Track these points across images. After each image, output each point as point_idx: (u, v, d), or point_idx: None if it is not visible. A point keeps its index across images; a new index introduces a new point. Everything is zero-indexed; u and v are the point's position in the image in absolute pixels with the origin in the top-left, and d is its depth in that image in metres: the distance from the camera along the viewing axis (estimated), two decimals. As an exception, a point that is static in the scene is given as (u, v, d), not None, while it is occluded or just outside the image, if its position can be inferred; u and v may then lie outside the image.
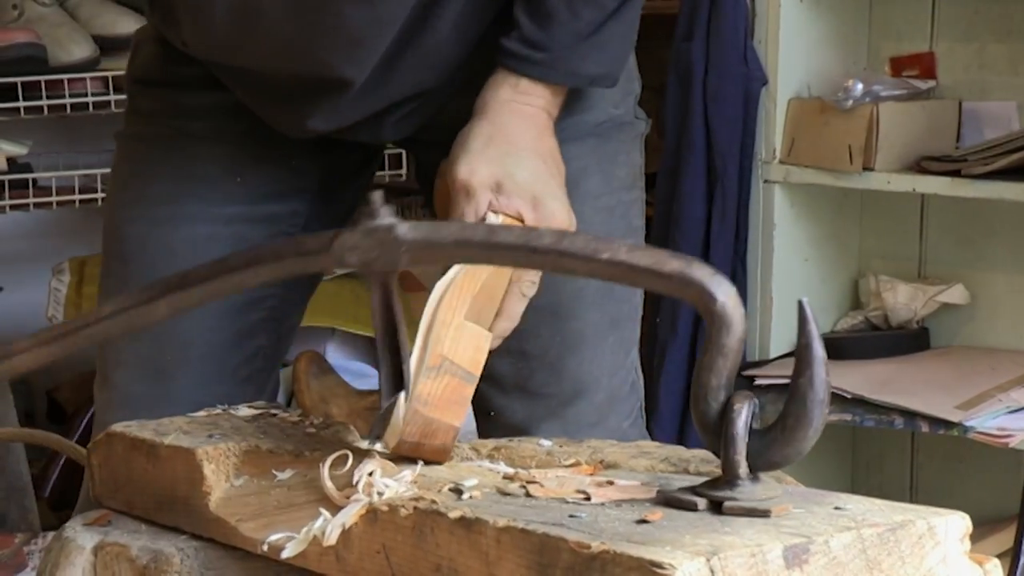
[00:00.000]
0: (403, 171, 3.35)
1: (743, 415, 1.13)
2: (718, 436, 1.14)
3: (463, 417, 1.30)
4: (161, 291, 1.26)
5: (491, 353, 1.42)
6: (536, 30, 1.56)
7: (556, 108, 1.60)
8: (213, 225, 1.69)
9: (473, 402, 1.49)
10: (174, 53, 1.70)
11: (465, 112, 1.63)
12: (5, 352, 1.29)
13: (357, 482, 1.22)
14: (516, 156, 1.55)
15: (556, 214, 1.53)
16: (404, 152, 3.28)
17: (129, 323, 1.27)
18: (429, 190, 1.76)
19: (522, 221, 1.52)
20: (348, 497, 1.21)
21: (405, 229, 1.21)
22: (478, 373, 1.33)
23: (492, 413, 1.73)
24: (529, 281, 1.51)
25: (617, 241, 1.18)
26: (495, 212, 1.52)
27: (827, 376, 1.13)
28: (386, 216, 1.21)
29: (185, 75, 1.70)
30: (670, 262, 1.15)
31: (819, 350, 1.13)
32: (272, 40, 1.59)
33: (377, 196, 1.22)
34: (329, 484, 1.23)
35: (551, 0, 1.56)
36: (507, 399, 1.71)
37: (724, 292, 1.14)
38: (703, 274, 1.14)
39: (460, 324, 1.36)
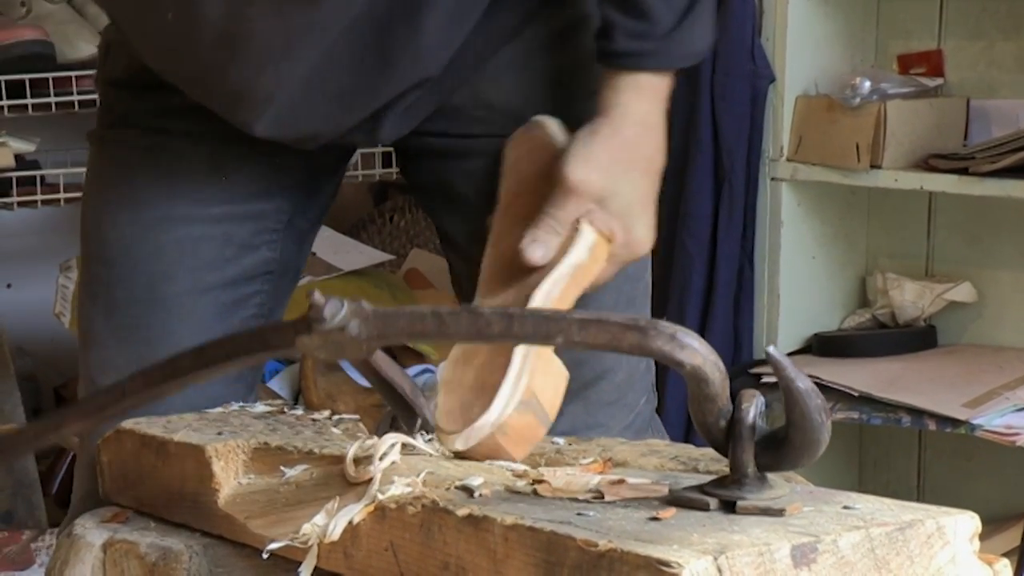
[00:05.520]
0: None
1: (750, 415, 1.13)
2: (727, 441, 1.15)
3: (526, 455, 1.32)
4: (154, 380, 1.32)
5: None
6: (637, 23, 1.56)
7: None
8: (201, 225, 1.68)
9: None
10: None
11: (469, 103, 1.62)
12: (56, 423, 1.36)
13: (380, 456, 1.22)
14: (629, 174, 1.55)
15: (641, 242, 1.56)
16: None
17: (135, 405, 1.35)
18: (419, 185, 1.74)
19: (611, 239, 1.54)
20: (366, 480, 1.21)
21: (356, 328, 1.20)
22: (553, 417, 1.36)
23: None
24: None
25: (567, 318, 1.16)
26: (589, 223, 1.53)
27: (818, 401, 1.12)
28: (333, 316, 1.20)
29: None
30: (626, 336, 1.13)
31: (800, 386, 1.12)
32: (195, 64, 1.59)
33: (317, 297, 1.21)
34: (351, 468, 1.23)
35: None
36: None
37: (689, 354, 1.13)
38: (662, 342, 1.13)
39: (549, 357, 1.38)
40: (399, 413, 1.34)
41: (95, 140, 1.77)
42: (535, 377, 1.35)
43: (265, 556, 1.23)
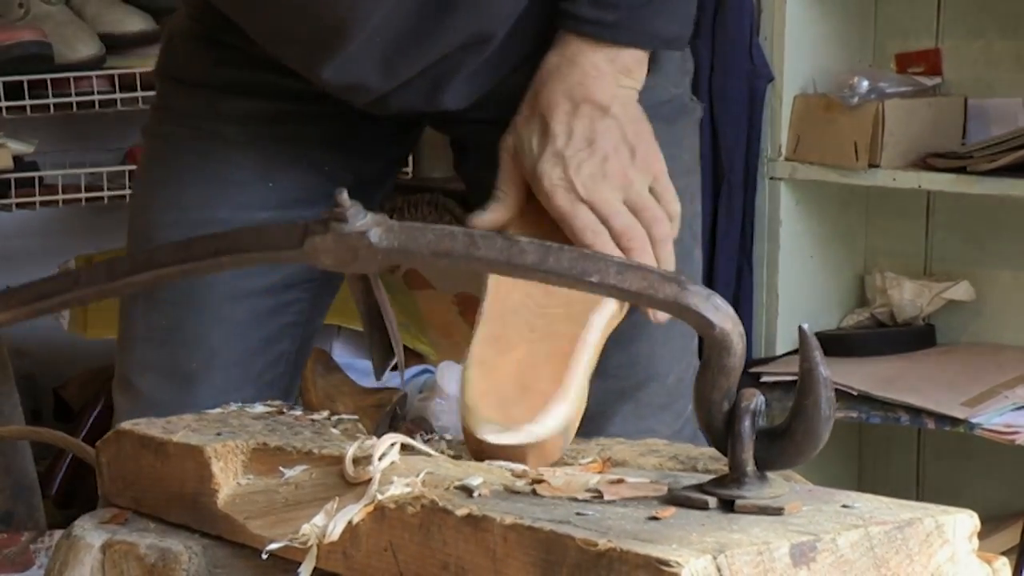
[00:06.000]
0: (408, 168, 3.35)
1: (750, 413, 1.13)
2: (726, 438, 1.15)
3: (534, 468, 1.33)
4: (127, 271, 1.23)
5: None
6: None
7: (632, 79, 1.53)
8: None
9: None
10: (215, 54, 1.69)
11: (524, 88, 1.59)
12: None
13: (379, 456, 1.22)
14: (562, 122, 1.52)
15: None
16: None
17: (99, 295, 1.25)
18: (472, 180, 1.71)
19: None
20: (365, 480, 1.21)
21: (378, 236, 1.14)
22: (568, 444, 1.36)
23: None
24: None
25: (606, 259, 1.15)
26: None
27: (831, 393, 1.13)
28: (356, 219, 1.14)
29: (226, 78, 1.69)
30: (664, 287, 1.13)
31: (822, 372, 1.12)
32: None
33: (344, 197, 1.15)
34: (350, 468, 1.23)
35: None
36: None
37: (721, 317, 1.13)
38: (698, 300, 1.13)
39: (584, 385, 1.38)
40: (375, 347, 1.31)
41: (148, 136, 1.76)
42: (579, 404, 1.36)
43: (264, 557, 1.23)
